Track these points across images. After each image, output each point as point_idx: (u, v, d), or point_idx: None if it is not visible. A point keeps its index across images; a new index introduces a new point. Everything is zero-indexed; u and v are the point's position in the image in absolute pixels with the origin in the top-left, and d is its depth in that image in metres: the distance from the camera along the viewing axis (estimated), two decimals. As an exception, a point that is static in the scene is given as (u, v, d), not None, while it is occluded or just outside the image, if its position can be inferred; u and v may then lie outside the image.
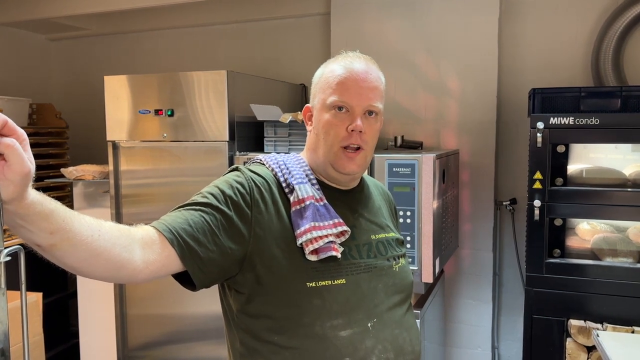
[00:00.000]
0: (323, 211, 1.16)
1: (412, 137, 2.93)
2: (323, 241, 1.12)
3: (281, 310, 1.12)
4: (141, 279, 1.00)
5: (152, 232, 1.02)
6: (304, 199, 1.16)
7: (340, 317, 1.12)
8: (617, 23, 2.66)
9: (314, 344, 1.10)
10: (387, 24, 3.05)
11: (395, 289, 1.22)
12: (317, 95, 1.24)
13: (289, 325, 1.11)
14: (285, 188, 1.19)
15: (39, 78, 4.03)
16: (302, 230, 1.13)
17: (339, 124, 1.18)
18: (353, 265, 1.17)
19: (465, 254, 3.02)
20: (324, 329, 1.11)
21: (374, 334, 1.14)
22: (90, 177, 2.92)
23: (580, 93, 2.36)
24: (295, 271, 1.12)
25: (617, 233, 2.52)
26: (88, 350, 3.07)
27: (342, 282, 1.14)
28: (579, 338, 2.26)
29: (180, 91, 2.52)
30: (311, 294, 1.11)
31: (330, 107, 1.19)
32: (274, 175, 1.22)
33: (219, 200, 1.11)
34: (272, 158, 1.27)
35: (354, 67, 1.20)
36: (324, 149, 1.20)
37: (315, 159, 1.25)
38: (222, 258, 1.08)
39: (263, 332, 1.13)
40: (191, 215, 1.08)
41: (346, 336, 1.11)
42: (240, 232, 1.10)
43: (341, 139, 1.18)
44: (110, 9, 3.27)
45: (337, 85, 1.18)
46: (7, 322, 0.83)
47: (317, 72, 1.27)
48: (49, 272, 0.88)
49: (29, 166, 0.78)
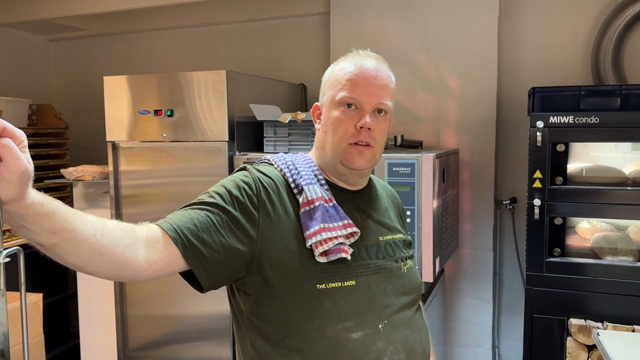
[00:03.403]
0: (332, 212, 1.15)
1: (412, 136, 2.92)
2: (333, 243, 1.11)
3: (291, 312, 1.10)
4: (145, 278, 1.00)
5: (156, 231, 1.02)
6: (313, 200, 1.15)
7: (351, 319, 1.11)
8: (616, 21, 2.66)
9: (325, 347, 1.09)
10: (386, 23, 3.05)
11: (404, 290, 1.21)
12: (326, 93, 1.22)
13: (299, 328, 1.10)
14: (294, 189, 1.17)
15: (38, 79, 4.03)
16: (312, 231, 1.11)
17: (348, 120, 1.16)
18: (362, 267, 1.16)
19: (465, 253, 3.02)
20: (335, 331, 1.10)
21: (385, 335, 1.13)
22: (90, 178, 2.92)
23: (580, 92, 2.35)
24: (305, 273, 1.10)
25: (617, 232, 2.52)
26: (88, 351, 3.07)
27: (352, 283, 1.13)
28: (579, 337, 2.26)
29: (179, 91, 2.52)
30: (321, 296, 1.10)
31: (339, 103, 1.17)
32: (282, 175, 1.20)
33: (225, 200, 1.10)
34: (280, 158, 1.25)
35: (365, 65, 1.18)
36: (333, 146, 1.19)
37: (323, 156, 1.23)
38: (228, 259, 1.07)
39: (273, 334, 1.12)
40: (197, 214, 1.07)
41: (358, 338, 1.10)
42: (247, 233, 1.09)
43: (350, 136, 1.16)
44: (109, 10, 3.27)
45: (347, 82, 1.17)
46: (6, 324, 0.83)
47: (327, 70, 1.25)
48: (49, 273, 0.89)
49: (26, 165, 0.78)
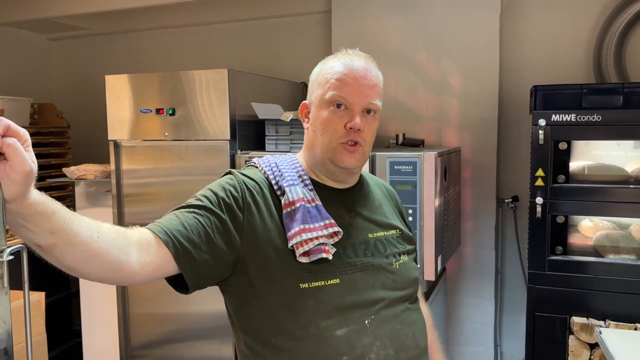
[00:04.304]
0: (314, 212, 1.15)
1: (414, 134, 2.92)
2: (314, 243, 1.12)
3: (276, 312, 1.12)
4: (137, 281, 1.01)
5: (147, 234, 1.03)
6: (294, 201, 1.15)
7: (335, 317, 1.12)
8: (619, 19, 2.65)
9: (310, 345, 1.10)
10: (388, 21, 3.04)
11: (394, 285, 1.21)
12: (314, 92, 1.22)
13: (285, 327, 1.11)
14: (277, 190, 1.19)
15: (40, 78, 4.03)
16: (293, 232, 1.12)
17: (337, 120, 1.16)
18: (347, 265, 1.16)
19: (467, 251, 3.01)
20: (319, 329, 1.11)
21: (372, 330, 1.13)
22: (92, 177, 2.92)
23: (582, 90, 2.35)
24: (288, 273, 1.12)
25: (619, 230, 2.52)
26: (91, 350, 3.08)
27: (336, 282, 1.13)
28: (581, 335, 2.26)
29: (181, 90, 2.52)
30: (304, 295, 1.11)
31: (328, 103, 1.17)
32: (265, 178, 1.22)
33: (212, 203, 1.12)
34: (264, 161, 1.26)
35: (354, 65, 1.18)
36: (322, 146, 1.19)
37: (313, 156, 1.24)
38: (215, 260, 1.09)
39: (261, 334, 1.14)
40: (186, 217, 1.09)
41: (342, 335, 1.11)
42: (233, 235, 1.11)
43: (340, 136, 1.17)
44: (110, 8, 3.27)
45: (336, 81, 1.17)
46: (10, 322, 0.83)
47: (315, 68, 1.26)
48: (52, 271, 0.89)
49: (31, 165, 0.79)
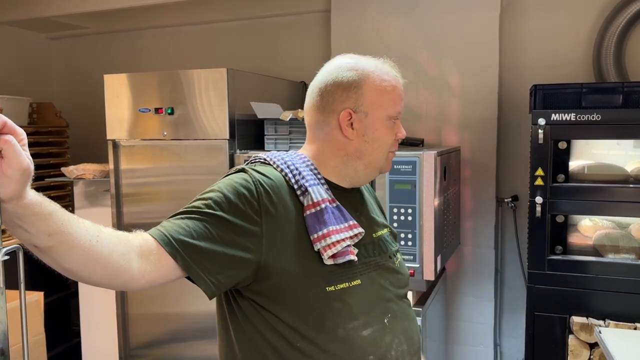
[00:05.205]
0: (337, 214, 1.14)
1: (413, 134, 2.91)
2: (341, 245, 1.11)
3: (302, 316, 1.10)
4: (138, 287, 0.99)
5: (150, 242, 1.00)
6: (318, 202, 1.12)
7: (360, 318, 1.13)
8: (618, 19, 2.65)
9: (338, 347, 1.10)
10: (387, 20, 3.04)
11: (399, 283, 1.26)
12: (371, 104, 1.18)
13: (311, 331, 1.09)
14: (297, 190, 1.14)
15: (39, 77, 4.02)
16: (320, 234, 1.10)
17: (392, 133, 1.23)
18: (364, 265, 1.17)
19: (466, 251, 3.01)
20: (346, 331, 1.11)
21: (391, 329, 1.17)
22: (91, 176, 2.92)
23: (581, 89, 2.35)
24: (313, 276, 1.10)
25: (619, 229, 2.51)
26: (90, 350, 3.08)
27: (358, 282, 1.14)
28: (581, 335, 2.26)
29: (180, 89, 2.52)
30: (331, 298, 1.10)
31: (390, 119, 1.21)
32: (283, 176, 1.16)
33: (224, 209, 1.06)
34: (278, 158, 1.21)
35: (398, 78, 1.24)
36: (375, 158, 1.22)
37: (353, 164, 1.21)
38: (231, 269, 1.05)
39: (286, 340, 1.10)
40: (195, 225, 1.03)
41: (367, 335, 1.13)
42: (250, 240, 1.06)
43: (390, 146, 1.24)
44: (110, 8, 3.26)
45: (395, 97, 1.21)
46: (6, 322, 0.83)
47: (352, 74, 1.18)
48: (50, 271, 0.88)
49: (27, 161, 0.78)
